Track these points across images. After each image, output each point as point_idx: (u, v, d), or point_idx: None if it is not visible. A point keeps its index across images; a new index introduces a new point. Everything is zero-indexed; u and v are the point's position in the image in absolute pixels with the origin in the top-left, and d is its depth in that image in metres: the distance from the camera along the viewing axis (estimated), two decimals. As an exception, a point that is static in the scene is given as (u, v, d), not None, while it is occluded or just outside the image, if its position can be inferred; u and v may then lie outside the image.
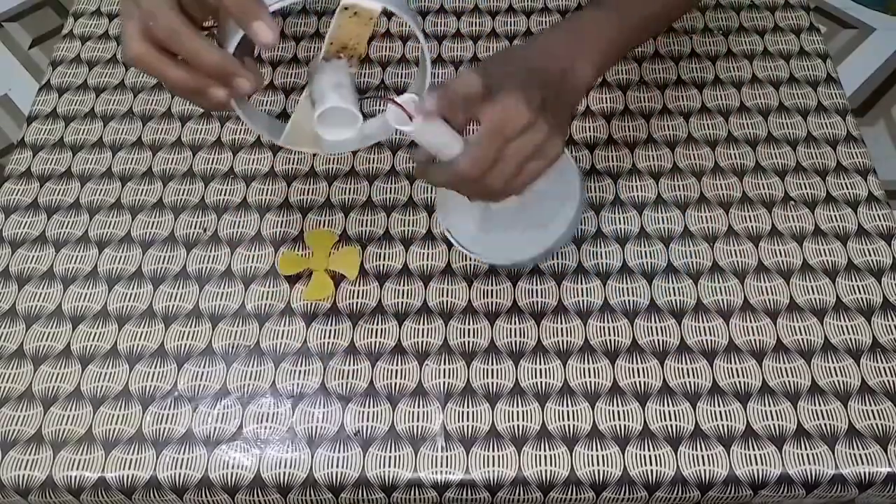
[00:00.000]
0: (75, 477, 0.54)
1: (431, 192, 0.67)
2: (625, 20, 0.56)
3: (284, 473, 0.54)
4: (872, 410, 0.56)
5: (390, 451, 0.55)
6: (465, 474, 0.54)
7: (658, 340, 0.59)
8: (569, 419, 0.56)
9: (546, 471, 0.54)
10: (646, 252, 0.63)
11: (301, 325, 0.60)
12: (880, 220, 0.65)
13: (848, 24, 1.77)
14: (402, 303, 0.61)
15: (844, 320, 0.60)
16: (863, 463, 0.54)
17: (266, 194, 0.68)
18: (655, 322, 0.60)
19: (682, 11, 0.75)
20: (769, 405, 0.56)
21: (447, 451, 0.55)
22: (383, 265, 0.63)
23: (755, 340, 0.59)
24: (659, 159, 0.69)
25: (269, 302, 0.61)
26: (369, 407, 0.57)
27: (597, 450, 0.54)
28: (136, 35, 0.45)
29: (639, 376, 0.57)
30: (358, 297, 0.61)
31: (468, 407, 0.56)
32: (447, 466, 0.54)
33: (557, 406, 0.56)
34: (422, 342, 0.59)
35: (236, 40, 0.46)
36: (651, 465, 0.54)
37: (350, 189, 0.68)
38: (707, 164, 0.69)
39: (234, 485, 0.54)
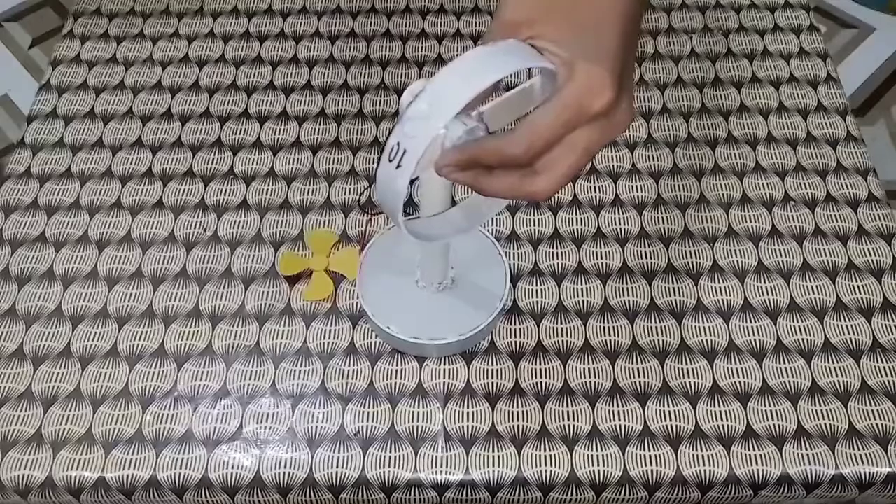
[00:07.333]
0: (75, 477, 0.54)
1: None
2: None
3: (284, 473, 0.54)
4: (872, 410, 0.56)
5: (390, 452, 0.55)
6: (465, 474, 0.54)
7: (658, 340, 0.59)
8: (569, 419, 0.56)
9: (546, 471, 0.54)
10: (646, 252, 0.63)
11: (301, 325, 0.60)
12: (880, 220, 0.65)
13: (848, 24, 1.77)
14: (402, 303, 0.61)
15: (844, 320, 0.60)
16: (863, 463, 0.54)
17: (266, 194, 0.68)
18: (655, 322, 0.60)
19: None
20: (769, 405, 0.56)
21: (447, 451, 0.55)
22: (383, 265, 0.63)
23: (755, 340, 0.59)
24: (659, 159, 0.69)
25: (269, 302, 0.61)
26: (369, 407, 0.57)
27: (597, 450, 0.54)
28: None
29: (639, 376, 0.57)
30: (358, 297, 0.61)
31: (468, 407, 0.56)
32: (447, 466, 0.54)
33: (557, 406, 0.56)
34: (422, 342, 0.59)
35: None
36: (651, 465, 0.54)
37: (350, 189, 0.68)
38: (707, 164, 0.69)
39: (233, 485, 0.54)
